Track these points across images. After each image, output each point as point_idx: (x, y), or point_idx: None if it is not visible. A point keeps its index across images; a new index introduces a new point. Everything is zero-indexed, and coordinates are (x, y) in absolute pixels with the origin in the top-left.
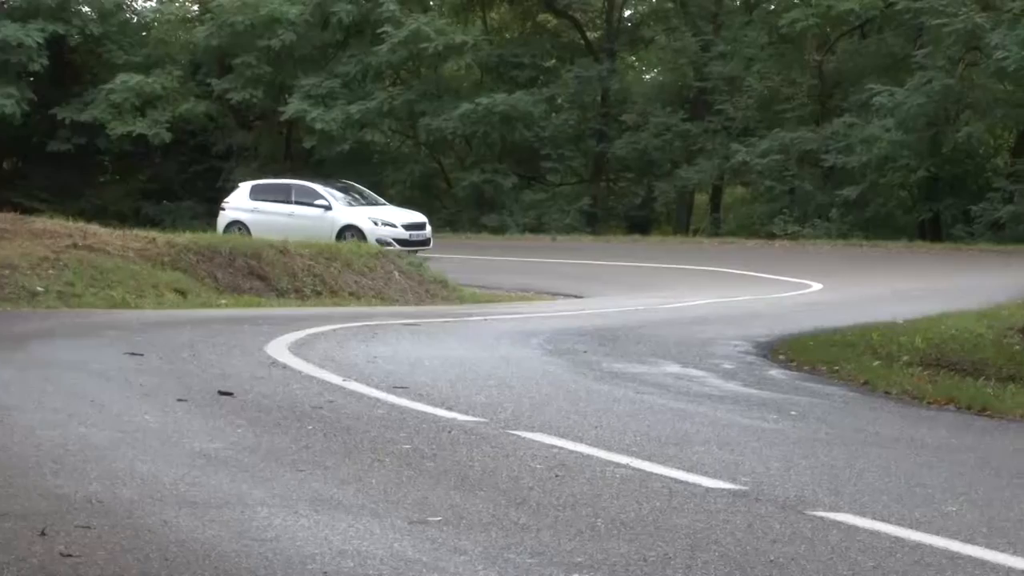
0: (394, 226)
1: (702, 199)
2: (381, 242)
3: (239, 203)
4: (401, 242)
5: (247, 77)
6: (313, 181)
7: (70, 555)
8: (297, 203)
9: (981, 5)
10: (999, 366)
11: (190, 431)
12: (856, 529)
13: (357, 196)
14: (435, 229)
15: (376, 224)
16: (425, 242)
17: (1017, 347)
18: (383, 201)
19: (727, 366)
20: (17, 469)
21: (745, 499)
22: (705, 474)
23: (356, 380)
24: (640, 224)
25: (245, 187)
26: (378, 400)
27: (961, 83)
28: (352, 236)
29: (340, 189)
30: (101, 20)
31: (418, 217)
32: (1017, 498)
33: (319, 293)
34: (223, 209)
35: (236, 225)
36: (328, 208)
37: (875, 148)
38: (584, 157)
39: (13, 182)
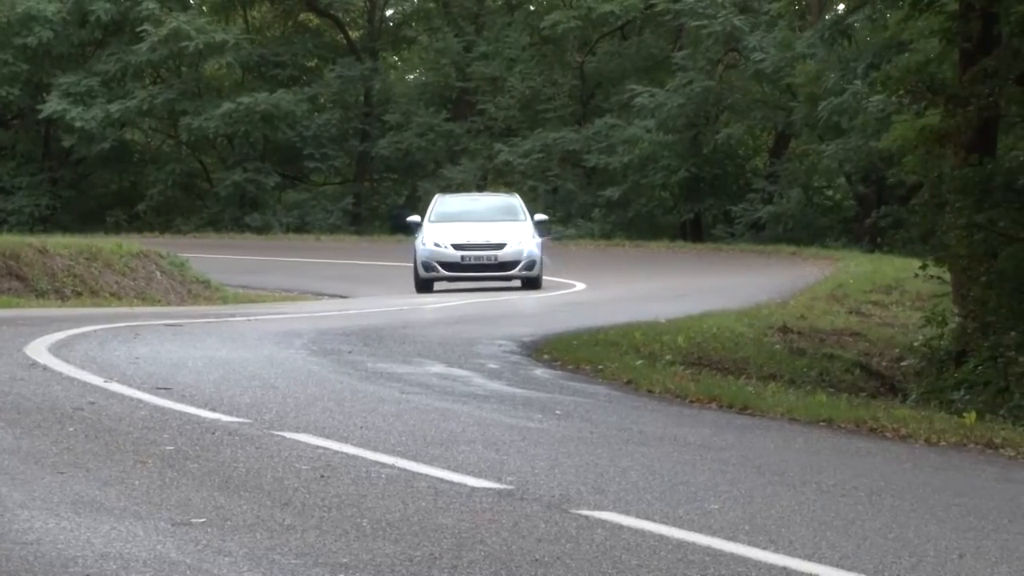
0: (439, 246)
1: None
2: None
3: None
4: (450, 266)
5: (3, 75)
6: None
7: None
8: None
9: (739, 8)
10: (760, 364)
11: None
12: (621, 527)
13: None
14: (197, 229)
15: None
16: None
17: (777, 346)
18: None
19: (492, 366)
20: None
21: (510, 498)
22: (470, 473)
23: (118, 381)
24: (404, 224)
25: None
26: (141, 401)
27: (720, 84)
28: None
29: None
30: None
31: (492, 232)
32: (778, 495)
33: (79, 294)
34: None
35: None
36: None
37: (636, 149)
38: (347, 156)
39: None
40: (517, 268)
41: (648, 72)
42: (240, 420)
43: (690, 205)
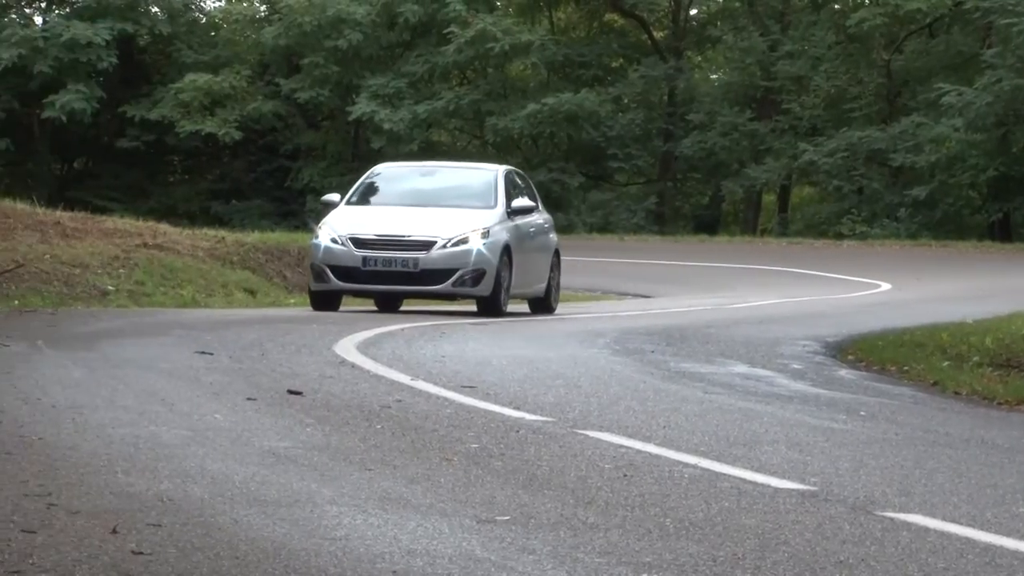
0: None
1: (770, 199)
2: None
3: None
4: (345, 274)
5: (315, 77)
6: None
7: (141, 552)
8: None
9: None
10: None
11: (259, 430)
12: (926, 530)
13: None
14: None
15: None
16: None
17: None
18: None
19: (796, 366)
20: (89, 467)
21: (814, 499)
22: (774, 474)
23: (424, 379)
24: (707, 224)
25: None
26: (446, 399)
27: None
28: None
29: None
30: (170, 20)
31: (421, 223)
32: None
33: None
34: None
35: None
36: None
37: (944, 147)
38: (651, 156)
39: (83, 181)
40: (450, 282)
41: (956, 70)
42: (544, 419)
43: (998, 205)
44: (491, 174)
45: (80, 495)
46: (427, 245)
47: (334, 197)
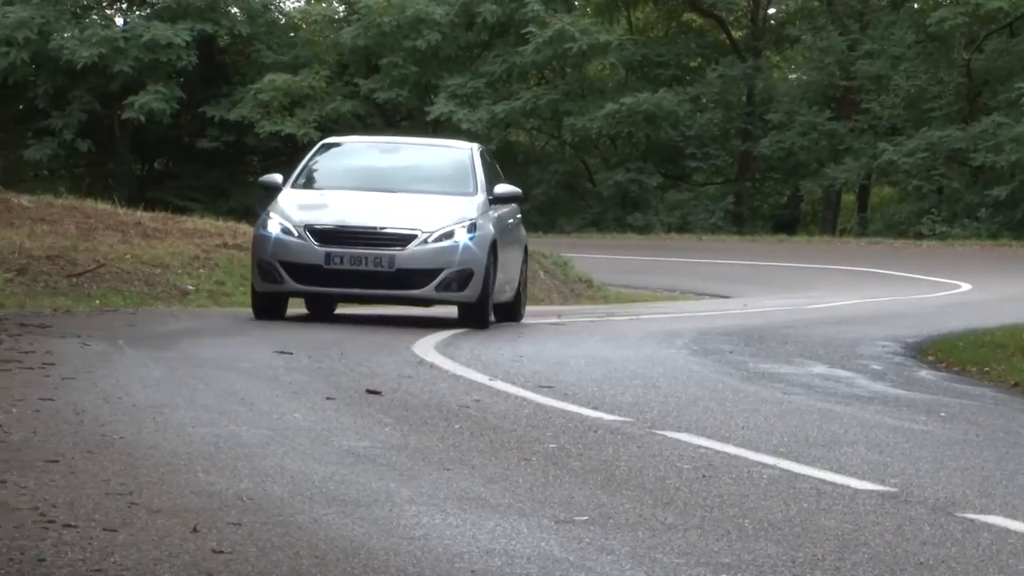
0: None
1: (849, 199)
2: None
3: None
4: (304, 273)
5: (393, 77)
6: None
7: (222, 551)
8: None
9: None
10: None
11: (338, 429)
12: (1007, 532)
13: None
14: (579, 229)
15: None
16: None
17: None
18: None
19: (875, 367)
20: (170, 466)
21: (894, 501)
22: (853, 475)
23: (502, 379)
24: (786, 224)
25: None
26: (524, 399)
27: None
28: None
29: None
30: (249, 20)
31: (395, 210)
32: None
33: None
34: None
35: None
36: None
37: None
38: (729, 156)
39: (164, 181)
40: (433, 285)
41: None
42: (622, 419)
43: None
44: (464, 153)
45: (161, 494)
46: (404, 240)
47: (276, 178)
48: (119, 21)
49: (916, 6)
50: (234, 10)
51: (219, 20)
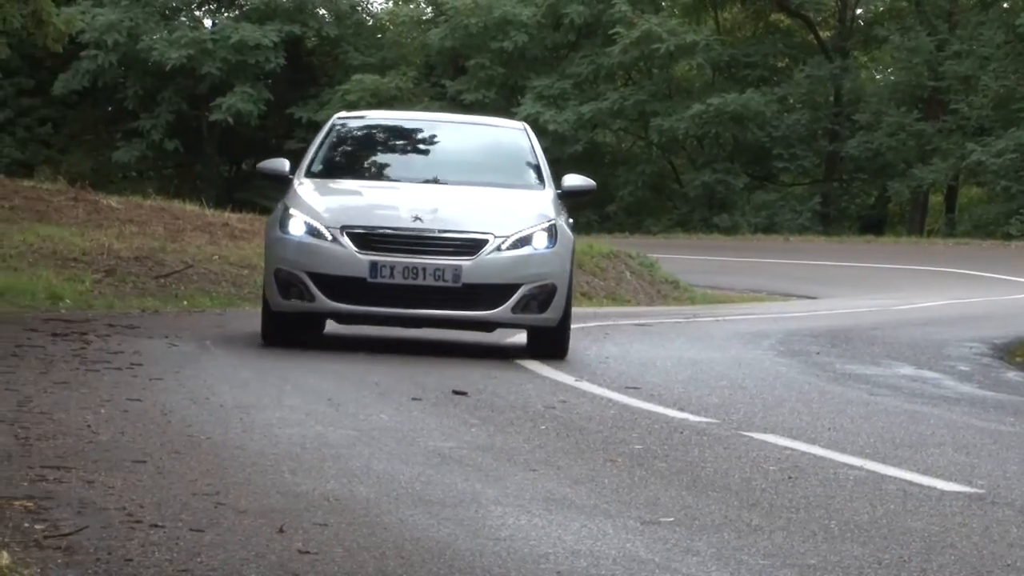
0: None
1: (936, 200)
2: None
3: None
4: (340, 287)
5: (480, 78)
6: None
7: (308, 552)
8: None
9: None
10: None
11: (425, 430)
12: None
13: None
14: (666, 230)
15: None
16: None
17: None
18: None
19: (962, 368)
20: (256, 467)
21: (981, 502)
22: (940, 477)
23: (588, 380)
24: (873, 224)
25: None
26: (610, 400)
27: None
28: None
29: None
30: (337, 22)
31: (455, 206)
32: None
33: None
34: None
35: None
36: None
37: None
38: (816, 157)
39: (251, 182)
40: (509, 304)
41: None
42: (708, 420)
43: None
44: (518, 133)
45: (247, 494)
46: (474, 246)
47: (282, 163)
48: (207, 23)
49: (1006, 6)
50: (322, 11)
51: (307, 21)
